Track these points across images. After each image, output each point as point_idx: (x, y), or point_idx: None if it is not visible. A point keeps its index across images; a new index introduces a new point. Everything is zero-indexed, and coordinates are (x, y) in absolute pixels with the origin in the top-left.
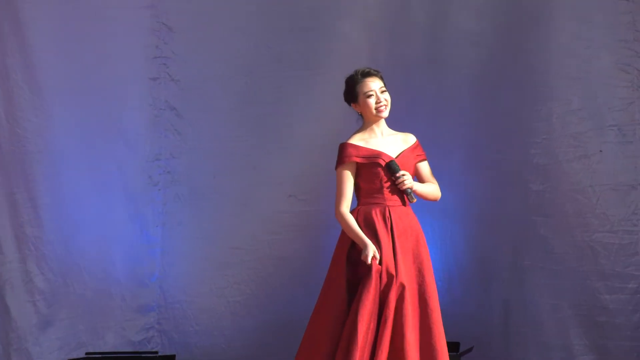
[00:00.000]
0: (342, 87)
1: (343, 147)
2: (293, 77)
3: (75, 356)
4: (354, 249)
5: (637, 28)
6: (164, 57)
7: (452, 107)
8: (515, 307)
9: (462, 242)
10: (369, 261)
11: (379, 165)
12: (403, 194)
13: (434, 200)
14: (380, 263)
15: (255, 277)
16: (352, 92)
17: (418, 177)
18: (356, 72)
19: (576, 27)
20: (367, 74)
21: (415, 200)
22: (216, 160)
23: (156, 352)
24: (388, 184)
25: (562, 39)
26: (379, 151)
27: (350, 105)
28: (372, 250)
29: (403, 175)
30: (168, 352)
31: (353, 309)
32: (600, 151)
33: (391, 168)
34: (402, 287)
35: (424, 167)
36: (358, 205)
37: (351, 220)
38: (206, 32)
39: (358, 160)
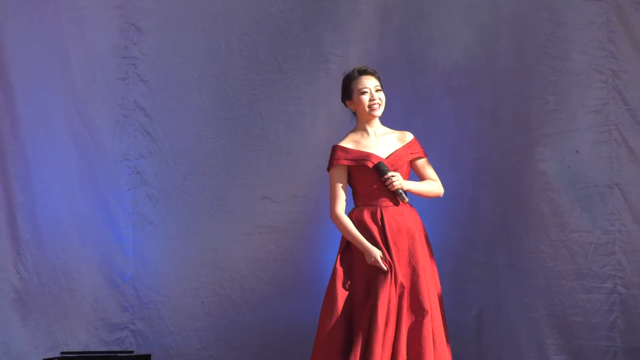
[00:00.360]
0: (315, 89)
1: (333, 150)
2: (265, 80)
3: (50, 355)
4: (348, 250)
5: (611, 29)
6: (133, 58)
7: (427, 107)
8: (489, 307)
9: (436, 241)
10: (382, 265)
11: (368, 167)
12: (394, 194)
13: (436, 197)
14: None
15: (229, 277)
16: (348, 89)
17: (417, 175)
18: (353, 70)
19: (551, 27)
20: (364, 71)
21: (407, 200)
22: (187, 160)
23: (131, 352)
24: (378, 184)
25: (538, 39)
26: (368, 153)
27: (345, 103)
28: (377, 253)
29: (392, 176)
30: (142, 352)
31: (370, 305)
32: (577, 152)
33: (379, 169)
34: (402, 288)
35: (421, 165)
36: (353, 207)
37: (347, 222)
38: (175, 32)
39: (347, 162)
